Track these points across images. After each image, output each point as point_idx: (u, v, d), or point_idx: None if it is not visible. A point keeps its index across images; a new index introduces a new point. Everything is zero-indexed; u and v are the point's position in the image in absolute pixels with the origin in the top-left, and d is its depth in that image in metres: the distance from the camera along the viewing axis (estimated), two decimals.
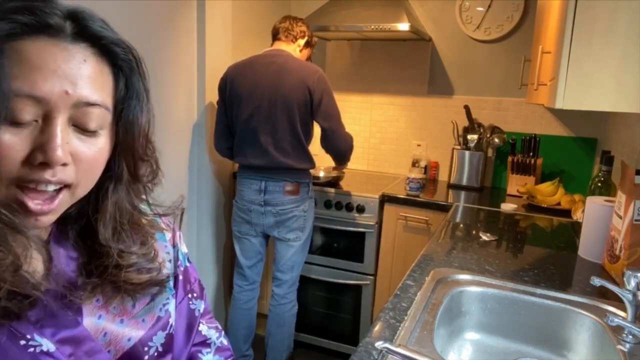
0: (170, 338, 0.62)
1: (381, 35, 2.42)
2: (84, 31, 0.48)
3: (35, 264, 0.49)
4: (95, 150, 0.50)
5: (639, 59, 1.10)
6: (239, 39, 2.33)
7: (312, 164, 1.97)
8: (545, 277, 1.20)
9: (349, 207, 2.18)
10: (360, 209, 2.16)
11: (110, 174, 0.55)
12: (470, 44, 2.46)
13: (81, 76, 0.47)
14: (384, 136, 2.72)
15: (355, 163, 2.74)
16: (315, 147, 1.99)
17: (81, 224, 0.56)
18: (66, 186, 0.48)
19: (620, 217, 1.16)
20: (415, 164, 2.55)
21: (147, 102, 0.55)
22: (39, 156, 0.45)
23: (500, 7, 2.35)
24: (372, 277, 2.22)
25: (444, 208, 2.06)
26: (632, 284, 0.90)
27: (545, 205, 1.99)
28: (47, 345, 0.49)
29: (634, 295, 0.90)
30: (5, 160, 0.44)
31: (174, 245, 0.68)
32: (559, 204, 1.99)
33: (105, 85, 0.50)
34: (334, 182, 2.29)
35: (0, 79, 0.42)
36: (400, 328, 0.90)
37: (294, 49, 1.96)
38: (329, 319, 2.35)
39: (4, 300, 0.45)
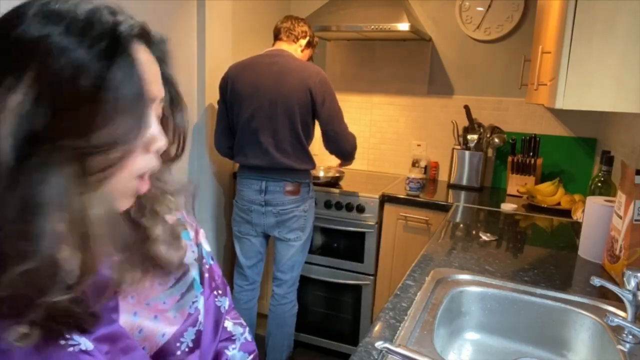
0: (199, 334, 0.63)
1: (381, 35, 2.42)
2: (146, 32, 0.53)
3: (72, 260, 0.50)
4: None
5: (639, 59, 1.10)
6: (239, 39, 2.33)
7: (313, 165, 1.97)
8: (545, 277, 1.20)
9: (349, 207, 2.18)
10: (360, 209, 2.16)
11: None
12: (470, 44, 2.46)
13: (158, 75, 0.54)
14: (384, 136, 2.72)
15: (355, 163, 2.71)
16: (315, 147, 1.99)
17: None
18: None
19: (620, 217, 1.16)
20: (415, 164, 2.55)
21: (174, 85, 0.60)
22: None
23: (500, 7, 2.35)
24: (372, 277, 2.22)
25: (444, 208, 2.06)
26: (632, 284, 0.90)
27: (545, 205, 1.99)
28: (86, 344, 0.49)
29: (634, 295, 0.90)
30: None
31: (198, 244, 0.69)
32: (559, 204, 1.99)
33: (159, 79, 0.56)
34: (334, 182, 2.29)
35: (144, 86, 0.48)
36: (400, 328, 0.90)
37: (296, 49, 1.95)
38: (329, 319, 2.35)
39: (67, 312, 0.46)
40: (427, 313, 0.96)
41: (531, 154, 2.27)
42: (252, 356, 0.75)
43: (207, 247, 0.71)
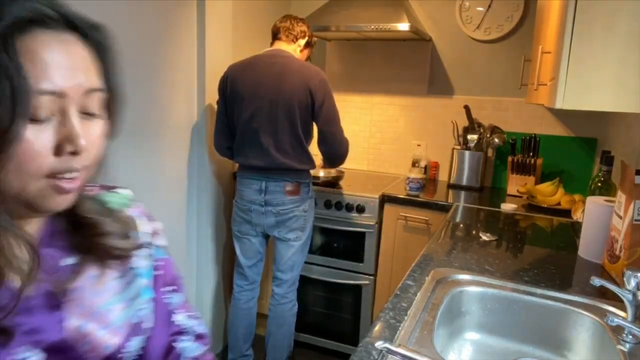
0: (146, 342, 0.64)
1: (381, 35, 2.42)
2: (72, 20, 0.49)
3: (19, 264, 0.50)
4: (99, 132, 0.53)
5: (639, 59, 1.10)
6: (239, 38, 2.33)
7: (313, 165, 1.97)
8: (545, 277, 1.20)
9: (349, 207, 2.18)
10: (360, 209, 2.16)
11: None
12: (470, 44, 2.46)
13: (85, 65, 0.49)
14: (384, 136, 2.72)
15: (355, 163, 2.74)
16: (314, 147, 1.99)
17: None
18: (85, 169, 0.52)
19: (620, 217, 1.16)
20: (415, 164, 2.55)
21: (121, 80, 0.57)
22: (68, 146, 0.48)
23: (500, 7, 2.35)
24: (372, 277, 2.22)
25: (444, 208, 2.06)
26: (632, 284, 0.90)
27: (545, 205, 1.99)
28: (37, 356, 0.50)
29: (634, 295, 0.90)
30: (36, 157, 0.46)
31: (151, 241, 0.68)
32: (559, 204, 1.99)
33: (98, 69, 0.52)
34: (334, 182, 2.29)
35: (23, 80, 0.43)
36: (400, 328, 0.90)
37: (295, 49, 1.95)
38: (329, 319, 2.35)
39: None
40: (427, 313, 0.96)
41: (531, 154, 2.27)
42: (207, 347, 0.74)
43: (163, 242, 0.70)
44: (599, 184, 1.52)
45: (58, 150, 0.47)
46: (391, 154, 2.72)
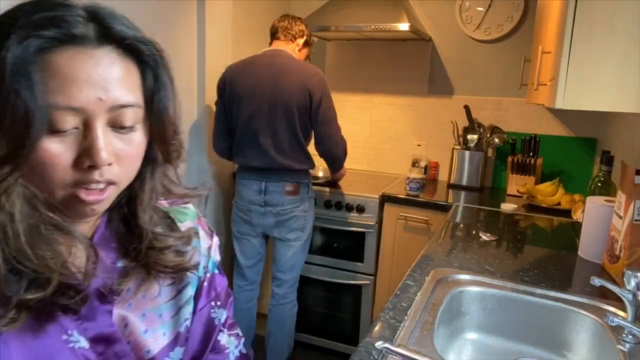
0: (187, 353, 0.64)
1: (381, 35, 2.42)
2: (108, 33, 0.49)
3: (80, 262, 0.52)
4: (134, 146, 0.52)
5: (639, 59, 1.10)
6: (239, 39, 2.33)
7: (312, 165, 1.97)
8: (545, 277, 1.20)
9: (349, 207, 2.18)
10: (360, 209, 2.16)
11: (146, 162, 0.57)
12: (470, 44, 2.46)
13: (111, 80, 0.49)
14: (384, 136, 2.72)
15: (355, 163, 2.74)
16: (313, 147, 1.99)
17: (122, 213, 0.59)
18: (112, 183, 0.51)
19: (620, 217, 1.16)
20: (415, 164, 2.55)
21: (173, 90, 0.57)
22: (86, 160, 0.48)
23: (500, 7, 2.35)
24: (372, 277, 2.22)
25: (444, 208, 2.05)
26: (632, 284, 0.90)
27: (545, 205, 1.99)
28: (83, 342, 0.51)
29: (634, 295, 0.90)
30: (57, 167, 0.47)
31: (209, 255, 0.69)
32: (559, 204, 1.99)
33: (134, 84, 0.52)
34: (333, 182, 2.29)
35: (37, 95, 0.44)
36: (400, 328, 0.90)
37: (293, 49, 1.95)
38: (329, 319, 2.35)
39: (58, 296, 0.48)
40: (427, 313, 0.96)
41: (531, 154, 2.27)
42: None
43: (216, 257, 0.71)
44: (599, 184, 1.52)
45: (77, 163, 0.48)
46: (391, 154, 2.71)
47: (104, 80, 0.48)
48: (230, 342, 0.72)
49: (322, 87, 1.85)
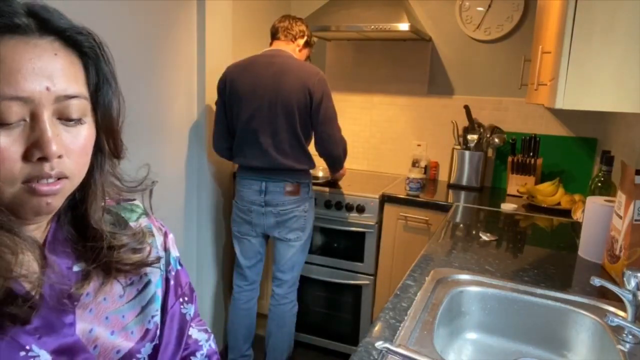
0: (156, 348, 0.64)
1: (381, 35, 2.42)
2: (47, 25, 0.49)
3: (29, 268, 0.50)
4: (82, 139, 0.52)
5: (639, 59, 1.10)
6: (239, 39, 2.33)
7: (312, 165, 1.97)
8: (545, 277, 1.20)
9: (349, 207, 2.18)
10: (360, 209, 2.16)
11: (95, 157, 0.56)
12: (470, 44, 2.46)
13: (56, 70, 0.48)
14: (384, 136, 2.72)
15: (355, 163, 2.74)
16: (314, 147, 1.99)
17: (72, 216, 0.58)
18: (64, 177, 0.50)
19: (620, 217, 1.16)
20: (415, 164, 2.55)
21: (116, 85, 0.57)
22: (36, 152, 0.46)
23: (500, 7, 2.35)
24: (372, 277, 2.22)
25: (444, 208, 2.06)
26: (632, 284, 0.90)
27: (545, 205, 1.99)
28: (45, 356, 0.49)
29: (634, 295, 0.90)
30: (4, 161, 0.45)
31: (166, 250, 0.69)
32: (559, 204, 1.99)
33: (77, 75, 0.51)
34: (333, 182, 2.29)
35: None
36: (400, 328, 0.90)
37: (293, 49, 1.95)
38: (329, 319, 2.35)
39: (5, 304, 0.46)
40: (427, 313, 0.96)
41: (531, 154, 2.27)
42: None
43: (175, 252, 0.71)
44: (599, 184, 1.52)
45: (27, 156, 0.46)
46: (391, 154, 2.71)
47: (49, 70, 0.47)
48: (200, 336, 0.73)
49: (322, 86, 1.85)
